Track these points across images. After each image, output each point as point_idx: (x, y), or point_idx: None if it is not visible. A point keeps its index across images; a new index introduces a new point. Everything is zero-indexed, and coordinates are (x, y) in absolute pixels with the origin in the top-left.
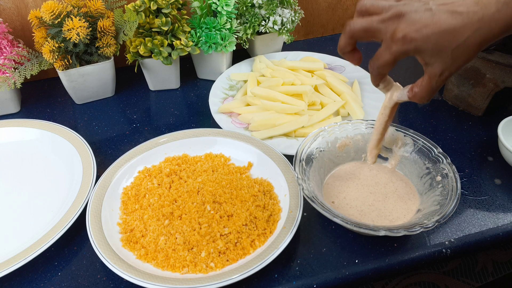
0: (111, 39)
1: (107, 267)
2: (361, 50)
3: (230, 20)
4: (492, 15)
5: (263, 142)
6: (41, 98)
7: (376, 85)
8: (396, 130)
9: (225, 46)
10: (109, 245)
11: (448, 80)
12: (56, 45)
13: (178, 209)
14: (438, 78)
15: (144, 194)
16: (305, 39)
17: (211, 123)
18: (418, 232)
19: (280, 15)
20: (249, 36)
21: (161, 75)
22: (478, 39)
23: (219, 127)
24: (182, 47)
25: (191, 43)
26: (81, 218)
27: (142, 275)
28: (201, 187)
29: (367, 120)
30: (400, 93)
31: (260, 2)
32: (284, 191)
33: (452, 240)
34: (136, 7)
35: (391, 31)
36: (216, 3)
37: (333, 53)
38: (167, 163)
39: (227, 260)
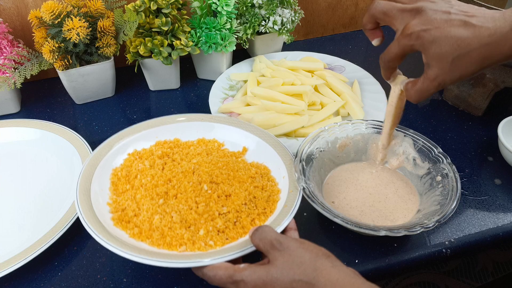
0: (111, 39)
1: (107, 267)
2: (365, 51)
3: (230, 20)
4: (506, 33)
5: (258, 127)
6: (41, 98)
7: (387, 78)
8: (396, 130)
9: (225, 46)
10: (101, 223)
11: None
12: (56, 45)
13: (173, 188)
14: (431, 82)
15: (135, 175)
16: (305, 39)
17: None
18: (418, 232)
19: (280, 15)
20: (249, 36)
21: (161, 75)
22: (483, 54)
23: None
24: (182, 47)
25: (191, 43)
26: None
27: (139, 251)
28: (197, 168)
29: (367, 120)
30: (402, 82)
31: (260, 2)
32: (282, 173)
33: (452, 240)
34: (136, 7)
35: (404, 24)
36: (216, 3)
37: (333, 53)
38: (158, 146)
39: (227, 239)
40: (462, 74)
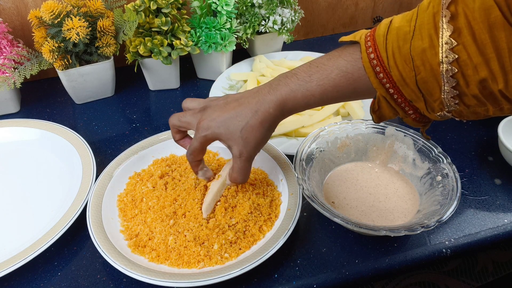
0: (111, 39)
1: (107, 267)
2: None
3: (230, 20)
4: (264, 97)
5: None
6: (41, 98)
7: (196, 172)
8: (396, 130)
9: (225, 46)
10: (120, 253)
11: None
12: (56, 45)
13: (180, 207)
14: (239, 159)
15: (141, 199)
16: (305, 39)
17: None
18: (418, 232)
19: (280, 15)
20: (249, 36)
21: (161, 75)
22: (259, 119)
23: None
24: (182, 47)
25: (191, 42)
26: (81, 218)
27: (163, 275)
28: (198, 183)
29: (367, 120)
30: (227, 178)
31: (260, 1)
32: (279, 176)
33: (452, 240)
34: (136, 7)
35: (197, 122)
36: (216, 3)
37: None
38: (156, 165)
39: (240, 249)
40: (256, 141)
